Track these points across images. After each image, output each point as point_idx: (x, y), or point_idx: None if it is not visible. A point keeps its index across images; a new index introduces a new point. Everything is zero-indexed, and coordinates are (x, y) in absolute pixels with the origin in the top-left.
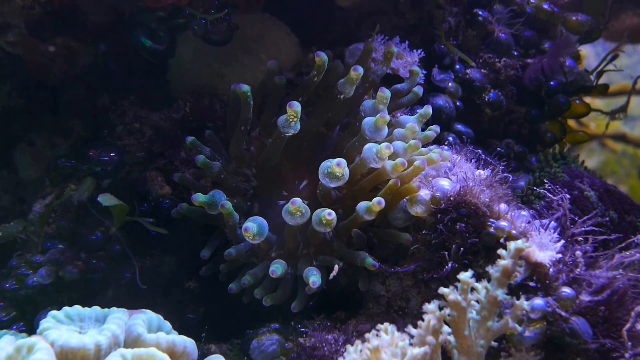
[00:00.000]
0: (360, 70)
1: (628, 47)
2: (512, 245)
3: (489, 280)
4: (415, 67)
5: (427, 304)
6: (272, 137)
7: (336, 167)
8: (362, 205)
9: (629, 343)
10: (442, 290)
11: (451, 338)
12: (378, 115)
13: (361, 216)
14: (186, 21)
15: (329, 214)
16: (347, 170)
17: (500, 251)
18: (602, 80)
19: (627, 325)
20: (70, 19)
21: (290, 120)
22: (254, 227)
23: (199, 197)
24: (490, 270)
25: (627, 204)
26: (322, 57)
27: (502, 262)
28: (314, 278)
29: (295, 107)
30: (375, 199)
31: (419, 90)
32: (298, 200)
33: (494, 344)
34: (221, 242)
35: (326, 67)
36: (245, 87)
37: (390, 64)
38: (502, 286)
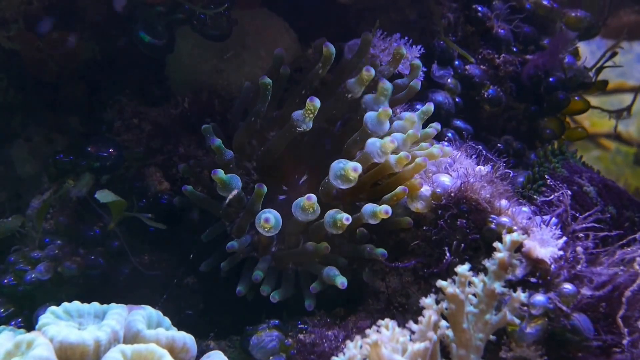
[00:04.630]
0: (372, 71)
1: (624, 45)
2: (507, 237)
3: (486, 274)
4: (416, 60)
5: (424, 298)
6: (281, 130)
7: (352, 172)
8: (369, 208)
9: (625, 329)
10: (440, 283)
11: (449, 332)
12: (381, 109)
13: (366, 219)
14: (185, 16)
15: (346, 219)
16: None
17: (496, 244)
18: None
19: (620, 312)
20: (68, 14)
21: (306, 115)
22: (272, 218)
23: (220, 174)
24: (487, 263)
25: (625, 198)
26: (329, 48)
27: (498, 255)
28: (341, 279)
29: (316, 103)
30: (383, 207)
31: (416, 84)
32: (313, 196)
33: (492, 338)
34: (219, 236)
35: (333, 60)
36: (268, 80)
37: (399, 66)
38: (499, 279)
